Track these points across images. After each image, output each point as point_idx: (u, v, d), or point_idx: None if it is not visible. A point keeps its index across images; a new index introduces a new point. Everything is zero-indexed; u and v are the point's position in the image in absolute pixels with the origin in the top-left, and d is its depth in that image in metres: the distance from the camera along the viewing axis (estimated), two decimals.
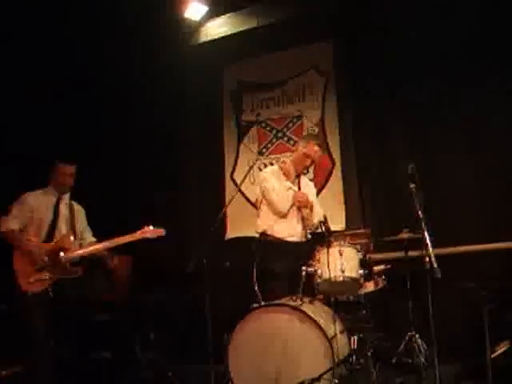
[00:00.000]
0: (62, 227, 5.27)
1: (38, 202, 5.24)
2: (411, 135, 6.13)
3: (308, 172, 5.66)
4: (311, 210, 5.27)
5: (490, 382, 4.18)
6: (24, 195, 5.23)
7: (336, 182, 6.45)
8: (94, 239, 5.45)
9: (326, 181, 6.50)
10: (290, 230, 5.23)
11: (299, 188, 5.35)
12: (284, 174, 5.34)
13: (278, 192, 5.22)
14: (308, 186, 5.54)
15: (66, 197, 5.39)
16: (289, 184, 5.28)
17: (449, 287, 5.13)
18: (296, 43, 6.79)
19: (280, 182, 5.29)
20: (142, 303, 6.36)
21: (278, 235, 5.21)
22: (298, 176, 5.38)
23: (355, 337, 4.88)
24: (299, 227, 5.25)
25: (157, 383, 5.67)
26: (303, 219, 5.18)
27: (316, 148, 5.34)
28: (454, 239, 5.49)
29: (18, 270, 4.97)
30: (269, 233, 5.26)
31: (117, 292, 6.47)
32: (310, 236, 5.26)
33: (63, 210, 5.33)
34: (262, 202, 5.36)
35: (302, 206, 5.25)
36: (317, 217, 5.29)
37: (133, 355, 6.13)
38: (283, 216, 5.23)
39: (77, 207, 5.46)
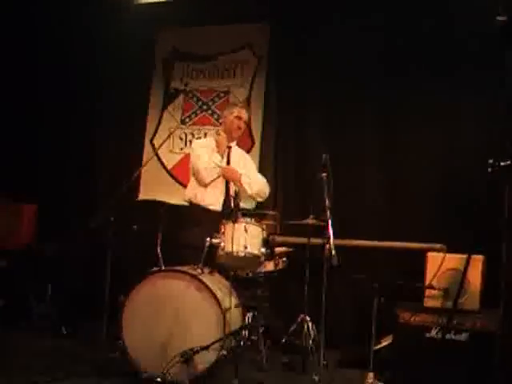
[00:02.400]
0: None
1: None
2: (329, 125, 6.25)
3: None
4: (240, 183, 5.36)
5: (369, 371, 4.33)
6: None
7: None
8: None
9: None
10: (212, 200, 5.33)
11: (229, 160, 5.46)
12: (217, 145, 5.42)
13: (203, 162, 5.32)
14: (240, 158, 5.66)
15: None
16: (218, 158, 5.35)
17: (344, 277, 5.34)
18: (235, 20, 6.77)
19: (209, 154, 5.37)
20: (42, 253, 6.31)
21: (201, 203, 5.33)
22: (229, 147, 5.48)
23: (250, 314, 5.00)
24: (221, 198, 5.34)
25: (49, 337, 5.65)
26: (235, 193, 5.25)
27: (243, 110, 5.53)
28: (356, 232, 5.66)
29: None
30: (193, 201, 5.38)
31: (18, 240, 6.39)
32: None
33: None
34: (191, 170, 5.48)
35: (229, 180, 5.36)
36: (255, 187, 5.45)
37: (27, 305, 6.09)
38: (205, 186, 5.33)
39: None
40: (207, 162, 5.32)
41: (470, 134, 5.72)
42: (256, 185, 5.47)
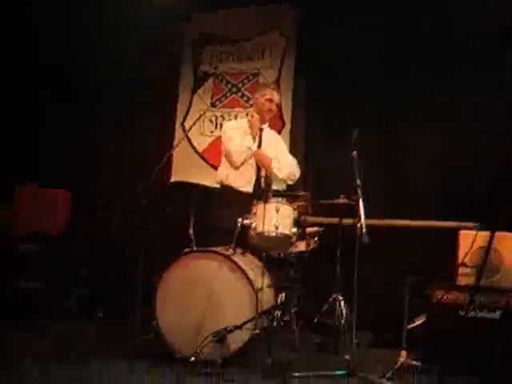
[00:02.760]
0: None
1: None
2: (360, 105, 6.24)
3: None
4: (269, 169, 5.35)
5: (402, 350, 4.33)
6: None
7: None
8: None
9: None
10: (243, 182, 5.36)
11: (260, 142, 5.43)
12: (250, 127, 5.42)
13: (235, 145, 5.34)
14: (272, 139, 5.65)
15: None
16: (249, 140, 5.36)
17: (376, 257, 5.32)
18: (262, 1, 6.78)
19: (240, 136, 5.39)
20: (78, 238, 6.40)
21: (232, 185, 5.36)
22: (261, 129, 5.47)
23: (282, 294, 5.02)
24: (253, 180, 5.36)
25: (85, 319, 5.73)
26: (266, 174, 5.27)
27: (275, 92, 5.52)
28: (388, 212, 5.65)
29: None
30: (225, 183, 5.41)
31: (55, 224, 6.48)
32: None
33: None
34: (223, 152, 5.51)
35: (260, 165, 5.37)
36: (285, 170, 5.45)
37: (63, 288, 6.17)
38: (236, 168, 5.35)
39: None
40: (238, 144, 5.32)
41: (469, 134, 5.74)
42: (286, 168, 5.46)
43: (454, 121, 5.78)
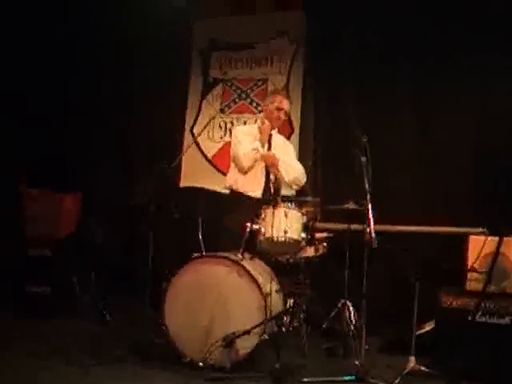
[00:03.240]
0: None
1: None
2: (368, 111, 6.22)
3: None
4: (277, 169, 5.36)
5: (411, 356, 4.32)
6: None
7: None
8: None
9: None
10: (252, 187, 5.35)
11: (269, 147, 5.46)
12: (260, 132, 5.43)
13: (244, 149, 5.33)
14: (281, 145, 5.64)
15: None
16: (258, 145, 5.35)
17: (384, 262, 5.32)
18: (271, 7, 6.84)
19: (250, 141, 5.38)
20: (87, 241, 6.41)
21: (241, 190, 5.36)
22: (270, 135, 5.48)
23: (291, 299, 5.01)
24: (262, 185, 5.36)
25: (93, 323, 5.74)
26: (275, 179, 5.28)
27: (285, 100, 5.50)
28: (395, 217, 5.64)
29: None
30: (234, 188, 5.41)
31: (60, 229, 6.49)
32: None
33: None
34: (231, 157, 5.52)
35: (269, 165, 5.37)
36: (292, 174, 5.44)
37: (72, 293, 6.19)
38: (244, 172, 5.35)
39: None
40: (247, 148, 5.33)
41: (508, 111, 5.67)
42: (293, 172, 5.46)
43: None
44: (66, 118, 7.33)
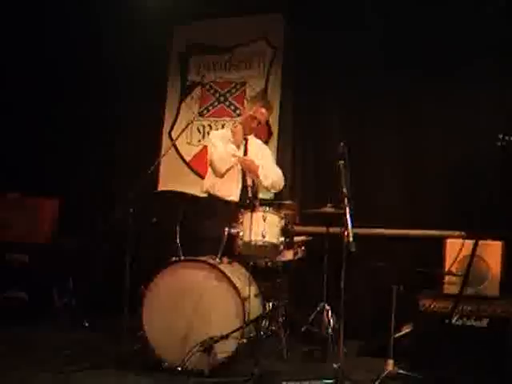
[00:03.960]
0: None
1: None
2: (348, 115, 6.27)
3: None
4: (256, 175, 5.34)
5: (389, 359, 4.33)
6: None
7: None
8: None
9: None
10: (229, 191, 5.33)
11: (246, 151, 5.45)
12: (232, 136, 5.42)
13: (219, 153, 5.30)
14: (257, 149, 5.62)
15: None
16: (233, 148, 5.34)
17: (363, 266, 5.33)
18: (249, 11, 6.79)
19: (225, 145, 5.36)
20: (63, 247, 6.36)
21: (218, 194, 5.33)
22: (245, 139, 5.48)
23: (270, 303, 5.01)
24: (238, 189, 5.34)
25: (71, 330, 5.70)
26: (253, 183, 5.28)
27: (263, 110, 5.44)
28: (374, 220, 5.66)
29: None
30: (211, 192, 5.39)
31: (39, 234, 6.44)
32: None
33: None
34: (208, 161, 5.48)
35: (248, 171, 5.36)
36: (271, 178, 5.41)
37: (49, 300, 6.14)
38: (221, 176, 5.32)
39: None
40: (222, 151, 5.31)
41: (483, 119, 5.71)
42: (271, 176, 5.44)
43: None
44: (46, 122, 7.26)
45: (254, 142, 5.65)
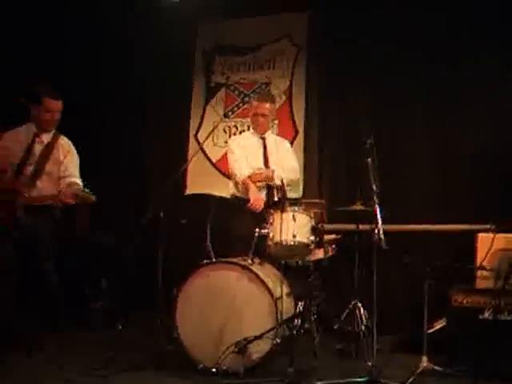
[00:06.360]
0: (28, 169, 5.12)
1: (14, 142, 5.19)
2: (375, 111, 6.22)
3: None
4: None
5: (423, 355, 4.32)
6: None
7: (297, 152, 6.49)
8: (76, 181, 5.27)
9: None
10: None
11: (265, 148, 5.51)
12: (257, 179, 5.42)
13: (240, 174, 5.40)
14: (274, 144, 5.65)
15: (47, 136, 5.26)
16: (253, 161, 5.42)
17: (394, 262, 5.31)
18: (272, 10, 6.79)
19: (245, 155, 5.46)
20: (97, 247, 6.40)
21: (245, 196, 5.35)
22: (262, 138, 5.53)
23: (302, 302, 5.02)
24: (264, 191, 5.39)
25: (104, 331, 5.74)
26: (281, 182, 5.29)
27: (262, 104, 5.50)
28: (405, 216, 5.64)
29: None
30: (237, 195, 5.44)
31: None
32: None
33: (37, 150, 5.18)
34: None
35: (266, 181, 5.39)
36: (289, 173, 5.43)
37: (83, 300, 6.18)
38: (237, 182, 5.40)
39: (64, 147, 5.30)
40: (242, 172, 5.39)
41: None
42: (287, 175, 5.37)
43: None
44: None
45: (273, 139, 5.70)
